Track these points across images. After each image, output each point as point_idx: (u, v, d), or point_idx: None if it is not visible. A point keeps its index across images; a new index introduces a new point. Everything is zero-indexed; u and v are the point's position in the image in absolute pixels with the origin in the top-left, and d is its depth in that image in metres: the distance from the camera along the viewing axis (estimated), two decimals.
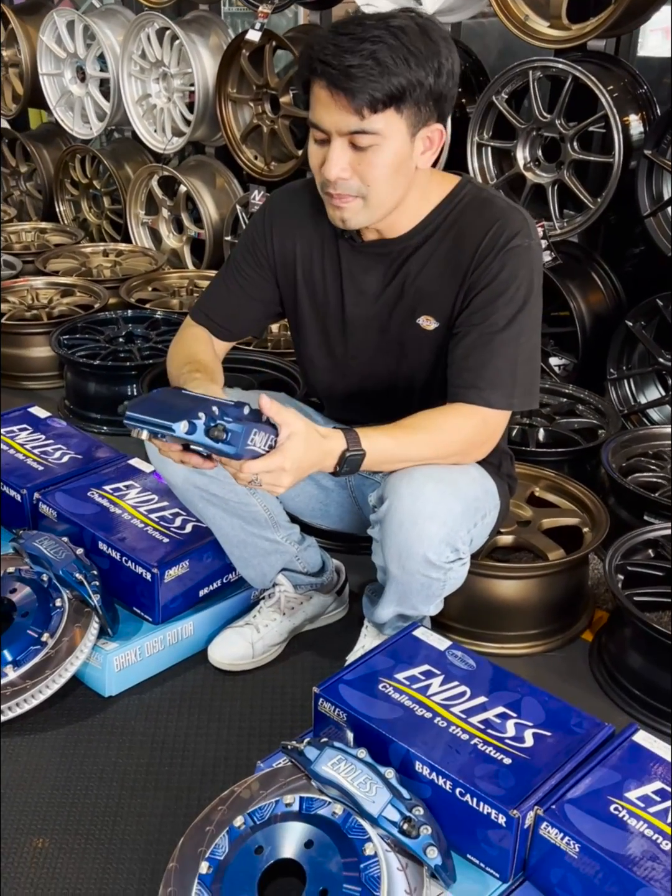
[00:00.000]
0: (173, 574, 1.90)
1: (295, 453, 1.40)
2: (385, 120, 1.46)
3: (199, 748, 1.75)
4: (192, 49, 3.50)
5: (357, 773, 1.35)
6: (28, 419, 2.43)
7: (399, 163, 1.52)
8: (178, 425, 1.31)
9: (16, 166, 4.61)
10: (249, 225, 1.83)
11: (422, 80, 1.45)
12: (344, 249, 1.71)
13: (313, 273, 1.75)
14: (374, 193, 1.53)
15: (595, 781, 1.38)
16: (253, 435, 1.36)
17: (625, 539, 2.03)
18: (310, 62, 1.45)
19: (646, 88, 2.74)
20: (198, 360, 1.70)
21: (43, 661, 1.77)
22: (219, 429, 1.32)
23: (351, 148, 1.49)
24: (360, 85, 1.41)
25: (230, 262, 1.82)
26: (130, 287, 3.53)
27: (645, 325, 2.67)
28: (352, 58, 1.40)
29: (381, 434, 1.53)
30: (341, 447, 1.48)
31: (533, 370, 1.64)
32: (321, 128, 1.50)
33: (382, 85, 1.42)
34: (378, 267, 1.69)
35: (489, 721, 1.48)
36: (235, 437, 1.34)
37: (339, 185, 1.52)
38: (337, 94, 1.44)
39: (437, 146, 1.57)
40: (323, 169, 1.52)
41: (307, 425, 1.43)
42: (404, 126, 1.49)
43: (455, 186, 1.66)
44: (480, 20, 3.42)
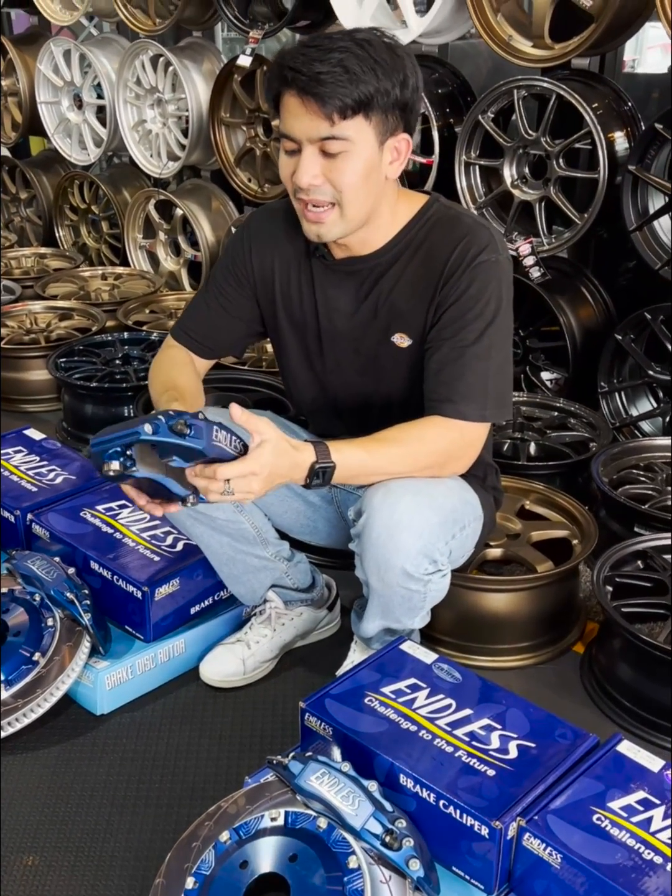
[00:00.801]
0: (164, 592, 1.91)
1: (265, 459, 1.42)
2: (354, 126, 1.50)
3: (189, 765, 1.76)
4: (186, 75, 3.55)
5: (340, 786, 1.36)
6: (23, 441, 2.46)
7: (369, 170, 1.56)
8: (143, 427, 1.33)
9: (16, 193, 4.67)
10: (229, 244, 1.86)
11: (388, 89, 1.50)
12: (317, 268, 1.74)
13: (290, 290, 1.77)
14: (347, 200, 1.56)
15: (578, 791, 1.39)
16: (216, 432, 1.39)
17: (613, 550, 2.04)
18: (280, 71, 1.50)
19: (630, 105, 2.76)
20: (177, 387, 1.72)
21: (35, 680, 1.79)
22: (181, 423, 1.34)
23: (321, 155, 1.53)
24: (329, 90, 1.46)
25: (210, 281, 1.84)
26: (128, 310, 3.57)
27: (634, 339, 2.68)
28: (321, 66, 1.45)
29: (353, 447, 1.55)
30: (310, 459, 1.50)
31: (505, 382, 1.66)
32: (292, 137, 1.53)
33: (351, 91, 1.46)
34: (350, 285, 1.72)
35: (474, 733, 1.49)
36: (199, 430, 1.36)
37: (312, 191, 1.55)
38: (307, 101, 1.48)
39: (404, 156, 1.61)
40: (294, 177, 1.55)
41: (278, 435, 1.45)
42: (372, 134, 1.53)
43: (423, 205, 1.69)
44: (470, 41, 3.46)
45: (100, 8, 3.83)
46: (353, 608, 1.88)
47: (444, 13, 2.75)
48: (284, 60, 1.49)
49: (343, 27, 2.95)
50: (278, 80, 1.51)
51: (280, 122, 1.55)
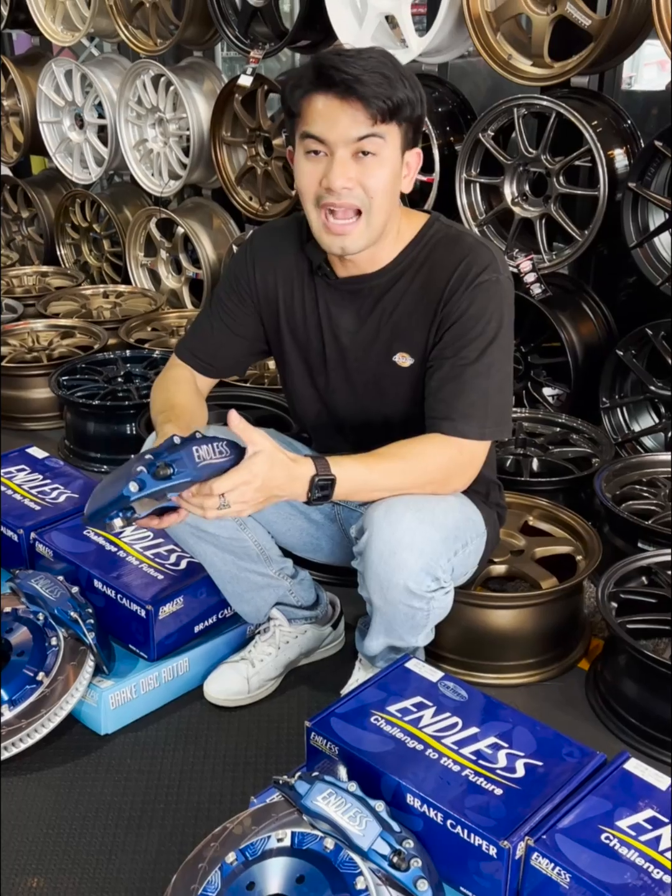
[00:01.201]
0: (168, 611, 1.91)
1: (259, 468, 1.43)
2: (388, 131, 1.54)
3: (194, 784, 1.75)
4: (187, 94, 3.57)
5: (347, 806, 1.36)
6: (26, 459, 2.46)
7: (394, 178, 1.59)
8: (128, 488, 1.34)
9: (17, 212, 4.68)
10: (232, 263, 1.87)
11: (414, 101, 1.54)
12: (320, 286, 1.74)
13: (294, 308, 1.78)
14: (375, 207, 1.57)
15: (586, 810, 1.38)
16: (196, 451, 1.39)
17: (618, 567, 2.04)
18: (317, 72, 1.51)
19: (629, 122, 2.78)
20: (173, 406, 1.72)
21: (38, 700, 1.78)
22: (162, 467, 1.35)
23: (353, 160, 1.54)
24: (371, 91, 1.49)
25: (214, 300, 1.85)
26: (130, 328, 3.58)
27: (636, 354, 2.69)
28: (360, 69, 1.48)
29: (354, 462, 1.55)
30: (310, 473, 1.50)
31: (505, 401, 1.66)
32: (323, 139, 1.53)
33: (391, 95, 1.50)
34: (353, 304, 1.73)
35: (481, 752, 1.48)
36: (181, 463, 1.37)
37: (344, 194, 1.55)
38: (351, 100, 1.49)
39: (414, 171, 1.64)
40: (327, 179, 1.54)
41: (273, 447, 1.46)
42: (399, 142, 1.56)
43: (424, 224, 1.70)
44: (470, 60, 3.48)
45: (101, 29, 3.85)
46: (356, 626, 1.88)
47: (443, 33, 2.77)
48: (321, 62, 1.50)
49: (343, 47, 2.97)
50: (313, 82, 1.51)
51: (306, 124, 1.54)
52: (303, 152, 1.57)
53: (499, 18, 2.67)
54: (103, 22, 3.76)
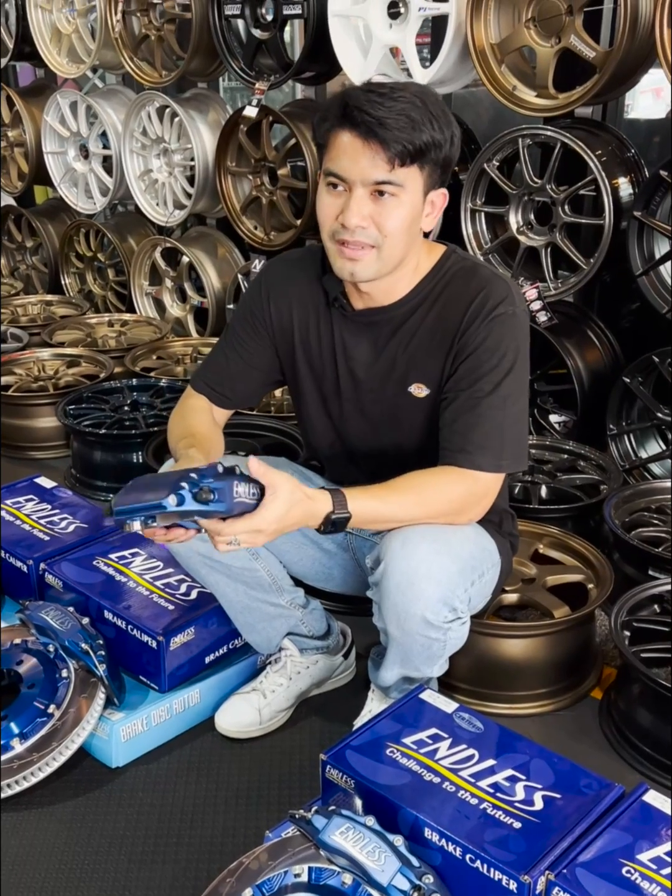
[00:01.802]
0: (179, 641, 1.90)
1: (275, 514, 1.44)
2: (409, 174, 1.54)
3: (207, 818, 1.74)
4: (192, 125, 3.60)
5: (366, 841, 1.34)
6: (34, 489, 2.45)
7: (413, 219, 1.59)
8: (168, 500, 1.34)
9: (22, 241, 4.71)
10: (246, 294, 1.87)
11: (441, 142, 1.54)
12: (336, 318, 1.75)
13: (309, 340, 1.78)
14: (388, 245, 1.58)
15: (606, 844, 1.37)
16: (236, 487, 1.40)
17: (630, 595, 2.03)
18: (343, 110, 1.51)
19: (633, 152, 2.81)
20: (194, 434, 1.73)
21: (49, 733, 1.77)
22: (205, 490, 1.36)
23: (371, 199, 1.54)
24: (393, 135, 1.49)
25: (228, 332, 1.86)
26: (135, 356, 3.59)
27: (642, 381, 2.70)
28: (386, 111, 1.48)
29: (369, 496, 1.56)
30: (327, 509, 1.52)
31: (520, 433, 1.66)
32: (344, 177, 1.54)
33: (413, 138, 1.50)
34: (369, 336, 1.73)
35: (498, 784, 1.47)
36: (222, 493, 1.38)
37: (357, 233, 1.56)
38: (372, 142, 1.50)
39: (438, 211, 1.64)
40: (342, 216, 1.55)
41: (293, 487, 1.47)
42: (421, 184, 1.56)
43: (441, 257, 1.71)
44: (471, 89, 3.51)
45: (106, 61, 3.89)
46: (369, 656, 1.87)
47: (448, 64, 2.79)
48: (350, 100, 1.51)
49: (349, 79, 3.00)
50: (339, 118, 1.52)
51: (329, 160, 1.56)
52: (324, 184, 1.59)
53: (503, 50, 2.71)
54: (108, 54, 3.80)
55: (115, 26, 3.63)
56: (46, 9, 3.93)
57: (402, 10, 2.87)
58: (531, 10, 2.62)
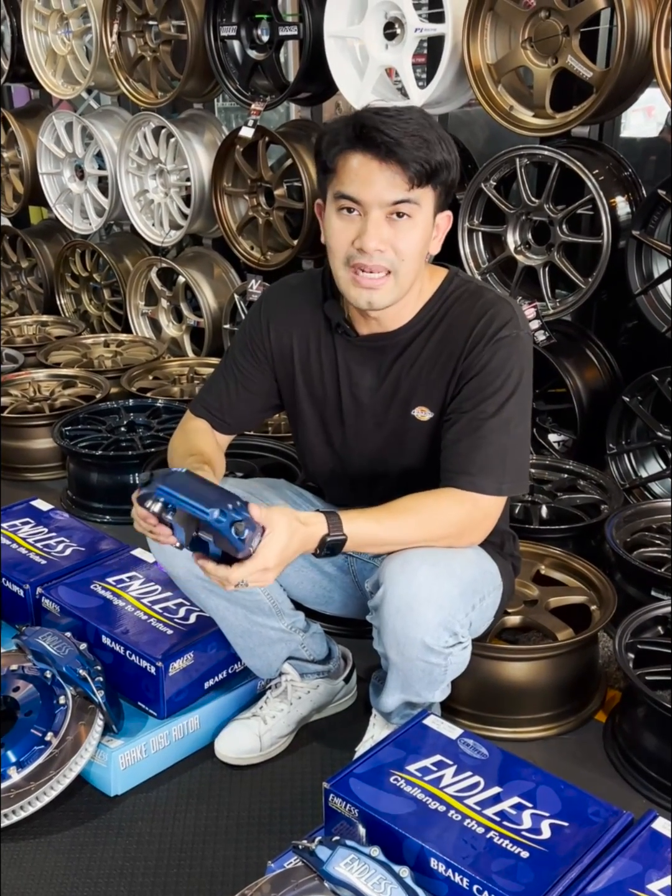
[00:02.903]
0: (178, 667, 1.87)
1: (275, 548, 1.44)
2: (424, 195, 1.53)
3: (207, 848, 1.70)
4: (188, 146, 3.60)
5: (371, 872, 1.32)
6: (30, 513, 2.43)
7: (425, 241, 1.58)
8: (213, 511, 1.35)
9: (17, 262, 4.70)
10: (246, 320, 1.86)
11: (451, 163, 1.54)
12: (340, 344, 1.74)
13: (310, 366, 1.77)
14: (403, 269, 1.57)
15: (616, 873, 1.35)
16: (254, 537, 1.42)
17: (633, 617, 2.01)
18: (360, 132, 1.49)
19: (630, 171, 2.81)
20: (202, 453, 1.72)
21: (47, 762, 1.74)
22: (241, 525, 1.37)
23: (387, 222, 1.53)
24: (412, 155, 1.48)
25: (228, 358, 1.84)
26: (131, 377, 3.57)
27: (642, 400, 2.69)
28: (401, 132, 1.48)
29: (366, 519, 1.55)
30: (322, 532, 1.51)
31: (522, 456, 1.65)
32: (359, 199, 1.52)
33: (429, 158, 1.49)
34: (373, 361, 1.72)
35: (505, 812, 1.45)
36: (249, 538, 1.40)
37: (376, 257, 1.54)
38: (391, 163, 1.49)
39: (443, 233, 1.63)
40: (360, 241, 1.53)
41: (289, 520, 1.47)
42: (433, 205, 1.56)
43: (444, 280, 1.70)
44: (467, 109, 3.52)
45: (101, 82, 3.89)
46: (370, 680, 1.85)
47: (444, 84, 2.80)
48: (363, 121, 1.49)
49: (345, 99, 3.01)
50: (352, 140, 1.50)
51: (341, 184, 1.53)
52: (335, 209, 1.56)
53: (500, 70, 2.71)
54: (104, 75, 3.80)
55: (110, 47, 3.63)
56: (42, 30, 3.94)
57: (399, 30, 2.87)
58: (528, 30, 2.63)
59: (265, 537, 1.44)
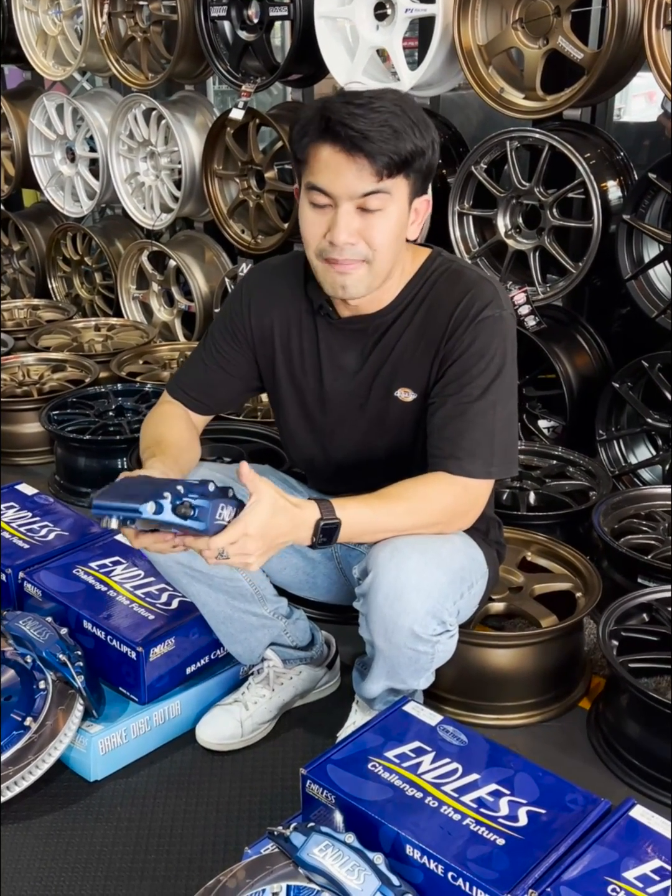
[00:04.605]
0: (159, 652, 1.86)
1: (257, 518, 1.40)
2: (395, 184, 1.51)
3: (186, 833, 1.70)
4: (178, 128, 3.57)
5: (345, 859, 1.31)
6: (15, 497, 2.41)
7: (400, 229, 1.56)
8: (145, 507, 1.32)
9: (9, 245, 4.67)
10: (227, 302, 1.84)
11: (425, 149, 1.51)
12: (321, 326, 1.72)
13: (291, 349, 1.75)
14: (378, 259, 1.55)
15: (592, 861, 1.34)
16: (220, 510, 1.38)
17: (618, 604, 2.00)
18: (323, 124, 1.47)
19: (622, 154, 2.78)
20: (160, 443, 1.69)
21: (26, 746, 1.73)
22: (185, 505, 1.34)
23: (358, 213, 1.51)
24: (378, 147, 1.45)
25: (208, 339, 1.82)
26: (121, 361, 3.55)
27: (632, 386, 2.67)
28: (368, 123, 1.45)
29: (358, 504, 1.52)
30: (315, 517, 1.47)
31: (510, 438, 1.63)
32: (328, 192, 1.50)
33: (398, 149, 1.46)
34: (356, 343, 1.70)
35: (482, 800, 1.44)
36: (203, 511, 1.35)
37: (346, 250, 1.53)
38: (356, 156, 1.46)
39: (422, 217, 1.61)
40: (331, 234, 1.52)
41: (275, 494, 1.43)
42: (407, 193, 1.54)
43: (426, 259, 1.68)
44: (460, 92, 3.49)
45: (92, 63, 3.86)
46: (354, 667, 1.84)
47: (435, 66, 2.77)
48: (330, 114, 1.46)
49: (335, 81, 2.98)
50: (320, 132, 1.48)
51: (311, 174, 1.52)
52: (307, 201, 1.55)
53: (490, 52, 2.68)
54: (95, 56, 3.77)
55: (100, 28, 3.60)
56: (32, 11, 3.90)
57: (389, 11, 2.84)
58: (518, 11, 2.60)
59: (249, 505, 1.41)
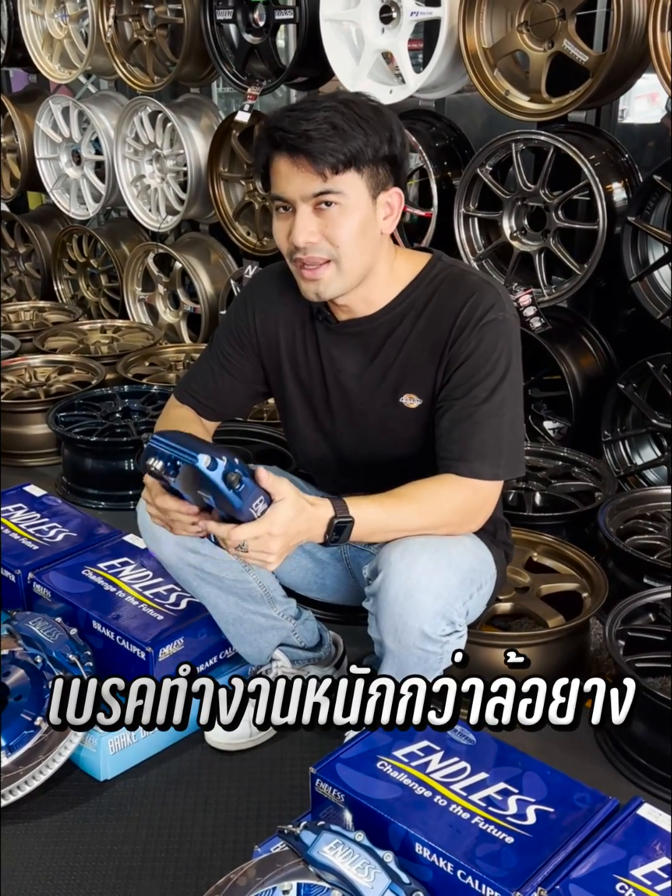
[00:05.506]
0: (168, 652, 1.88)
1: (282, 517, 1.41)
2: (347, 181, 1.52)
3: (195, 832, 1.71)
4: (184, 131, 3.59)
5: (355, 857, 1.32)
6: (23, 498, 2.43)
7: (364, 224, 1.56)
8: (202, 457, 1.33)
9: (14, 247, 4.69)
10: (231, 308, 1.86)
11: (376, 144, 1.52)
12: (321, 331, 1.73)
13: (296, 353, 1.77)
14: (344, 255, 1.56)
15: (600, 859, 1.35)
16: (258, 500, 1.40)
17: (624, 604, 2.01)
18: (267, 135, 1.52)
19: (627, 156, 2.79)
20: None
21: (36, 746, 1.74)
22: (236, 476, 1.34)
23: (316, 213, 1.53)
24: (319, 146, 1.48)
25: (214, 345, 1.84)
26: (128, 363, 3.56)
27: (637, 387, 2.68)
28: (308, 124, 1.48)
29: (371, 503, 1.53)
30: (329, 514, 1.48)
31: (517, 439, 1.65)
32: (284, 198, 1.54)
33: (340, 146, 1.48)
34: (356, 348, 1.72)
35: (490, 798, 1.45)
36: (247, 492, 1.37)
37: (309, 249, 1.55)
38: (298, 159, 1.49)
39: (397, 211, 1.62)
40: (291, 236, 1.55)
41: (296, 493, 1.45)
42: (365, 188, 1.54)
43: (426, 264, 1.69)
44: (465, 94, 3.50)
45: (98, 66, 3.87)
46: (361, 666, 1.85)
47: (440, 69, 2.78)
48: (271, 124, 1.52)
49: (341, 84, 2.99)
50: (267, 143, 1.52)
51: (272, 186, 1.56)
52: (274, 210, 1.59)
53: (496, 55, 2.69)
54: (100, 59, 3.78)
55: (106, 31, 3.61)
56: (38, 14, 3.92)
57: (395, 14, 2.85)
58: (524, 14, 2.61)
59: (274, 504, 1.42)
